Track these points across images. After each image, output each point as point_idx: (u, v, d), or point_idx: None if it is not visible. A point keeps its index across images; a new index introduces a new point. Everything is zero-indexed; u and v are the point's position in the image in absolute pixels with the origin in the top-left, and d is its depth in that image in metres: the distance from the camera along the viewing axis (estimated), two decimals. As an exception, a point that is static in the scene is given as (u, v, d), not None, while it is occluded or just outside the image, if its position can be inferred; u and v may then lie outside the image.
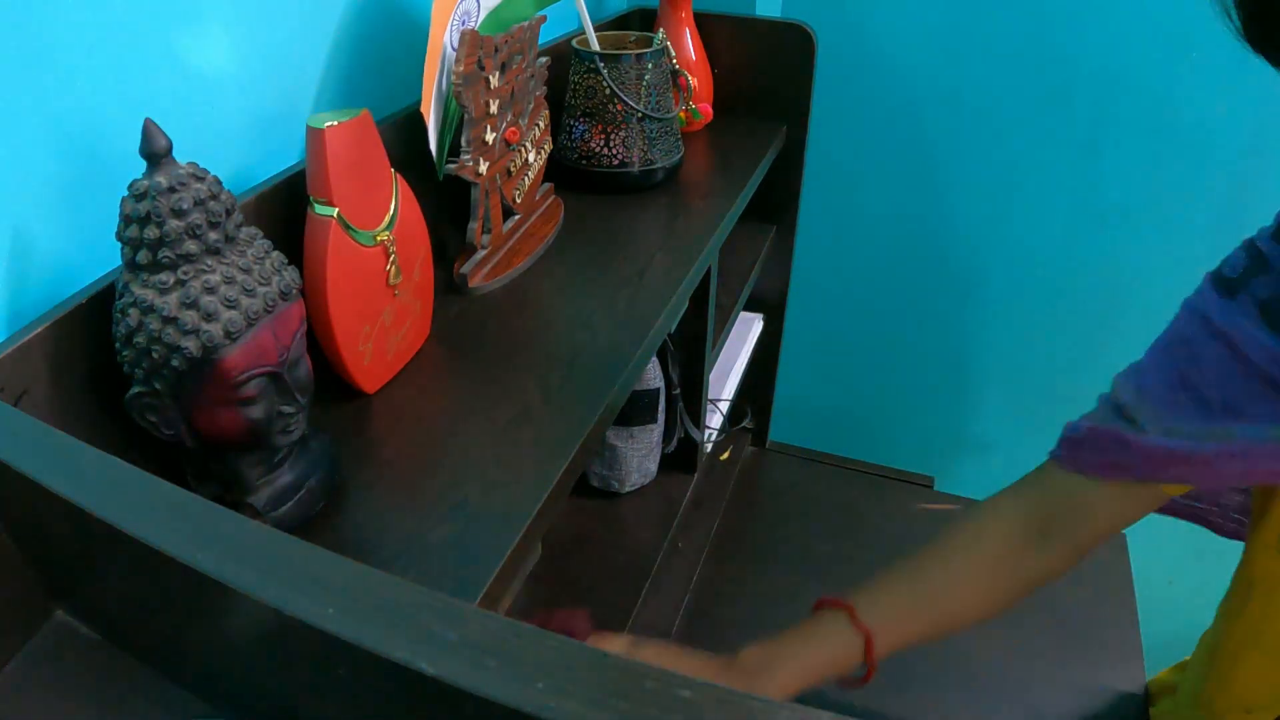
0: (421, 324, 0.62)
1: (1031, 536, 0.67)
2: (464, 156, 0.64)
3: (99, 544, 0.32)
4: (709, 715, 0.21)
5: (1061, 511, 0.66)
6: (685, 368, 0.93)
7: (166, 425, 0.44)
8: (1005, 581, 0.69)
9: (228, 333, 0.41)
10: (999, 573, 0.68)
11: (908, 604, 0.69)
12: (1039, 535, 0.67)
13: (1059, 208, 1.33)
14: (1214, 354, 0.57)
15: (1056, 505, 0.67)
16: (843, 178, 1.41)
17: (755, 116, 1.07)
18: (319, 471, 0.48)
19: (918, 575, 0.70)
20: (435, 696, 0.23)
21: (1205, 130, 1.19)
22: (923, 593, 0.69)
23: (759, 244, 1.10)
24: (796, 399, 1.56)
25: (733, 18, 1.04)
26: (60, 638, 0.39)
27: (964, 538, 0.70)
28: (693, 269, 0.72)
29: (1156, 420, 0.59)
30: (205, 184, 0.41)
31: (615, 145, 0.84)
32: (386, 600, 0.25)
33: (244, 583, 0.26)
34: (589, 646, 0.23)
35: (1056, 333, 1.44)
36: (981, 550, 0.69)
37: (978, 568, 0.69)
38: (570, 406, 0.56)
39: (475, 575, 0.44)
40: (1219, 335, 0.56)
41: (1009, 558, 0.68)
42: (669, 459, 1.02)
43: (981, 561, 0.69)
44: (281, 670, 0.31)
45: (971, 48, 1.24)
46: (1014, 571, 0.68)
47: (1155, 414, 0.59)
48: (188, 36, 0.53)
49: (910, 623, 0.69)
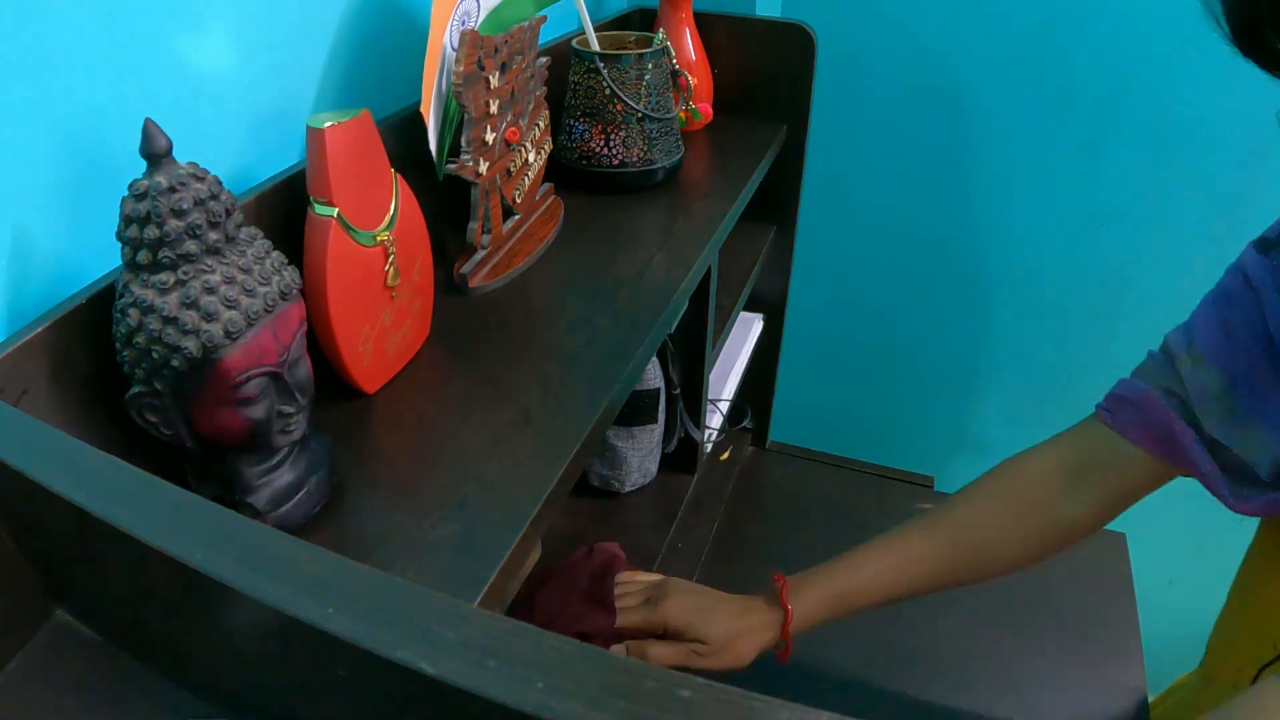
0: (421, 324, 0.62)
1: (1066, 484, 0.68)
2: (464, 156, 0.64)
3: (99, 544, 0.32)
4: (709, 715, 0.21)
5: (1098, 464, 0.67)
6: (685, 368, 0.93)
7: (166, 425, 0.44)
8: (1034, 526, 0.70)
9: (228, 333, 0.41)
10: (1029, 517, 0.70)
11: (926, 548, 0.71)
12: (1074, 483, 0.68)
13: (1059, 208, 1.33)
14: (1249, 305, 0.58)
15: (1094, 457, 0.68)
16: (843, 178, 1.41)
17: (755, 116, 1.07)
18: (319, 471, 0.48)
19: (944, 514, 0.72)
20: (435, 696, 0.23)
21: (1205, 130, 1.19)
22: (947, 533, 0.71)
23: (759, 244, 1.10)
24: (796, 399, 1.56)
25: (733, 18, 1.04)
26: (60, 638, 0.39)
27: (1000, 478, 0.72)
28: (693, 269, 0.72)
29: (1205, 399, 0.60)
30: (205, 184, 0.41)
31: (615, 145, 0.84)
32: (386, 600, 0.25)
33: (244, 583, 0.26)
34: (589, 646, 0.23)
35: (1057, 332, 1.44)
36: (1014, 491, 0.71)
37: (1009, 508, 0.70)
38: (570, 406, 0.56)
39: (475, 575, 0.44)
40: (1252, 289, 0.58)
41: (1041, 503, 0.69)
42: (669, 459, 1.02)
43: (1013, 502, 0.70)
44: (281, 670, 0.31)
45: (971, 47, 1.24)
46: (1044, 517, 0.69)
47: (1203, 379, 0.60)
48: (188, 36, 0.53)
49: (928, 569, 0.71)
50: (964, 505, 0.72)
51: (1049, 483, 0.69)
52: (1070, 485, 0.68)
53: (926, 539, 0.71)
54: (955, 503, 0.73)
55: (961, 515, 0.71)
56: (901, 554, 0.71)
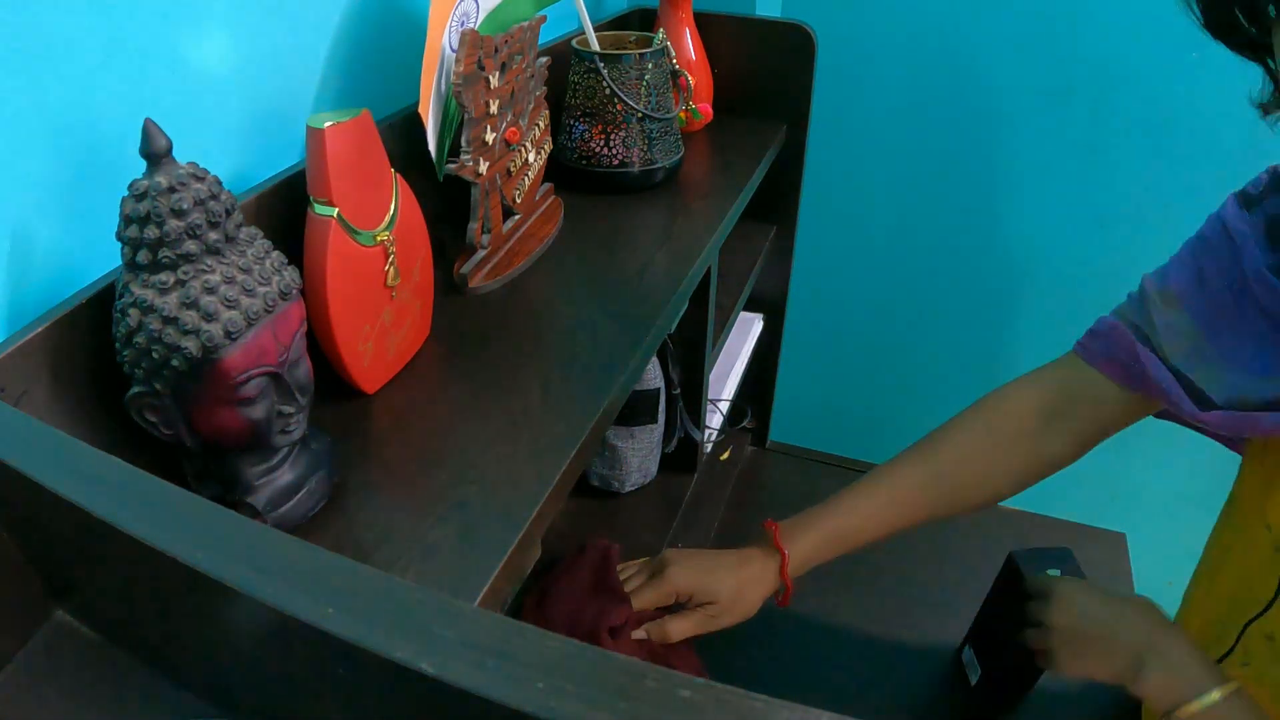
0: (421, 324, 0.62)
1: (1044, 419, 0.72)
2: (464, 156, 0.64)
3: (99, 544, 0.32)
4: (709, 715, 0.21)
5: (1073, 398, 0.71)
6: (685, 368, 0.93)
7: (166, 425, 0.44)
8: (1015, 461, 0.73)
9: (228, 333, 0.41)
10: (1010, 452, 0.73)
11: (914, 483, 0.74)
12: (1052, 419, 0.71)
13: (1059, 207, 1.33)
14: (1225, 254, 0.61)
15: (1070, 391, 0.71)
16: (843, 178, 1.41)
17: (755, 116, 1.07)
18: (319, 471, 0.48)
19: (929, 450, 0.75)
20: (435, 696, 0.23)
21: (1208, 129, 1.19)
22: (933, 468, 0.74)
23: (759, 244, 1.10)
24: (796, 399, 1.56)
25: (733, 18, 1.04)
26: (60, 638, 0.39)
27: (982, 414, 0.75)
28: (693, 269, 0.72)
29: (1171, 336, 0.62)
30: (205, 184, 0.41)
31: (615, 145, 0.84)
32: (386, 600, 0.25)
33: (244, 583, 0.26)
34: (589, 646, 0.23)
35: (1056, 332, 1.44)
36: (996, 427, 0.74)
37: (991, 442, 0.74)
38: (570, 406, 0.56)
39: (475, 575, 0.44)
40: (1230, 239, 0.60)
41: (1021, 438, 0.73)
42: (669, 459, 1.01)
43: (994, 437, 0.73)
44: (281, 670, 0.31)
45: (971, 47, 1.24)
46: (1024, 452, 0.72)
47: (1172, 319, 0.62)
48: (188, 36, 0.53)
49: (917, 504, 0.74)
50: (947, 442, 0.75)
51: (1028, 418, 0.72)
52: (1048, 421, 0.71)
53: (913, 475, 0.74)
54: (938, 439, 0.75)
55: (945, 451, 0.74)
56: (891, 491, 0.74)
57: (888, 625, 1.04)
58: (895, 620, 1.05)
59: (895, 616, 1.05)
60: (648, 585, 0.74)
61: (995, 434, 0.73)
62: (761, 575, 0.73)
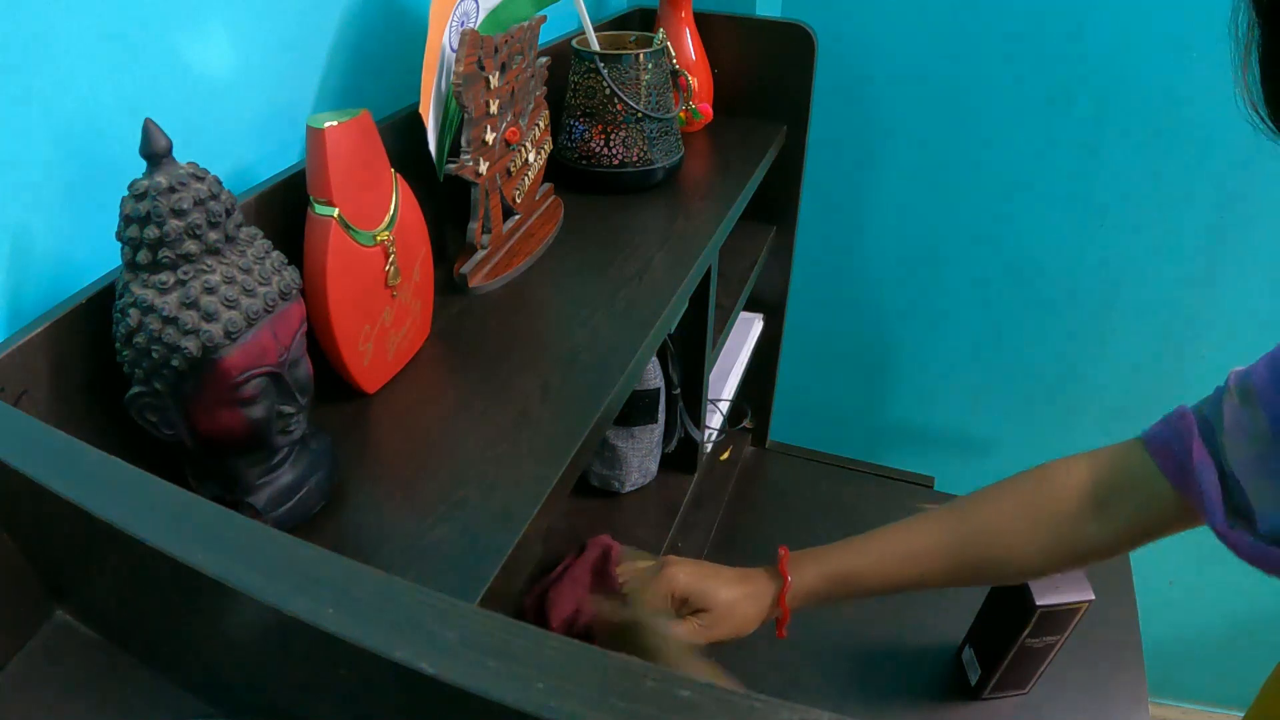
0: (421, 324, 0.62)
1: (1094, 503, 0.65)
2: (464, 156, 0.64)
3: (99, 544, 0.32)
4: (709, 715, 0.21)
5: (1124, 487, 0.64)
6: (685, 368, 0.93)
7: (166, 425, 0.44)
8: (1053, 541, 0.66)
9: (228, 333, 0.41)
10: (1051, 530, 0.66)
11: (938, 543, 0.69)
12: (1101, 505, 0.65)
13: (1058, 207, 1.33)
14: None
15: (1122, 478, 0.64)
16: (843, 178, 1.41)
17: (755, 116, 1.07)
18: (319, 471, 0.48)
19: (963, 511, 0.69)
20: (435, 696, 0.23)
21: (1205, 129, 1.19)
22: (962, 531, 0.68)
23: (759, 244, 1.10)
24: (796, 399, 1.56)
25: (733, 18, 1.04)
26: (60, 638, 0.39)
27: (1028, 485, 0.69)
28: (693, 269, 0.72)
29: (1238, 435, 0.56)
30: (205, 184, 0.41)
31: (615, 145, 0.84)
32: (386, 600, 0.25)
33: (244, 583, 0.26)
34: (589, 646, 0.23)
35: (1057, 332, 1.44)
36: (1041, 501, 0.67)
37: (1031, 516, 0.67)
38: (570, 406, 0.56)
39: (475, 575, 0.44)
40: None
41: (1065, 519, 0.66)
42: (669, 459, 1.02)
43: (1037, 512, 0.67)
44: (281, 670, 0.31)
45: (971, 48, 1.24)
46: (1065, 534, 0.66)
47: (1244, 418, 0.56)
48: (188, 36, 0.53)
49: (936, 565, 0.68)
50: (985, 506, 0.69)
51: (1074, 500, 0.65)
52: (1095, 507, 0.65)
53: (940, 534, 0.69)
54: (976, 502, 0.69)
55: (978, 517, 0.69)
56: (912, 545, 0.69)
57: (888, 625, 1.04)
58: (895, 620, 1.05)
59: (895, 616, 1.05)
60: (645, 584, 0.74)
61: (1034, 509, 0.67)
62: (760, 594, 0.72)
